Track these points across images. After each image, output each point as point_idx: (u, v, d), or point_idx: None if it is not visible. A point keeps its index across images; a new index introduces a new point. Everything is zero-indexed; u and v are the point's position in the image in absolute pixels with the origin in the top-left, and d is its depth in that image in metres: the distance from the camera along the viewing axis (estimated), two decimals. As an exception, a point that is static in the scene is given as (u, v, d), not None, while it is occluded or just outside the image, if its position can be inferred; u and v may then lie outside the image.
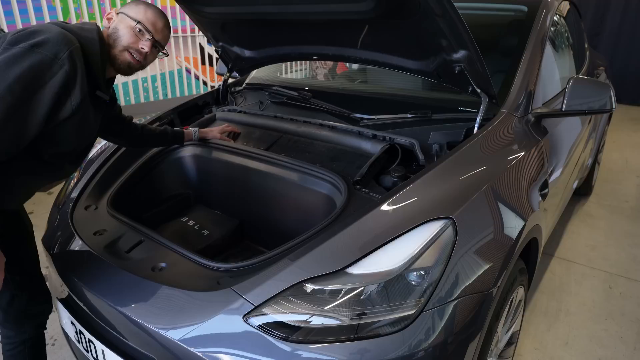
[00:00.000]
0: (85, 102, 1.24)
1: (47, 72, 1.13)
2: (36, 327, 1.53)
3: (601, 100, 1.78)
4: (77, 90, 1.20)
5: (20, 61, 1.10)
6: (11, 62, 1.09)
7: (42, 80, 1.13)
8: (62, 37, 1.17)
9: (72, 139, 1.29)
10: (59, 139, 1.26)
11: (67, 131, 1.26)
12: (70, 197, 1.75)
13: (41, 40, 1.13)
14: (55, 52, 1.14)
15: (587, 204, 3.67)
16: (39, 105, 1.14)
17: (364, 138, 1.79)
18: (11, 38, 1.14)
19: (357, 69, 2.84)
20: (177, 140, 1.95)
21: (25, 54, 1.11)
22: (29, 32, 1.16)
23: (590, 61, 3.28)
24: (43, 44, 1.13)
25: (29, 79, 1.11)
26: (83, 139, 1.36)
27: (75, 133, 1.29)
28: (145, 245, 1.45)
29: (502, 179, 1.48)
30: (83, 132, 1.33)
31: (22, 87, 1.10)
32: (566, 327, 2.24)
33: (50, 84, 1.14)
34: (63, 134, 1.26)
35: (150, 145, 1.94)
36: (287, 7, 1.69)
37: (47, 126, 1.20)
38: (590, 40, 4.17)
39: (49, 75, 1.14)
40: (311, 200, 1.69)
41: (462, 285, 1.17)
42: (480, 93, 1.64)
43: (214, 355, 1.10)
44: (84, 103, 1.24)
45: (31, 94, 1.12)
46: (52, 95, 1.15)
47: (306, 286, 1.14)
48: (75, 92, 1.20)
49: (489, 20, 2.33)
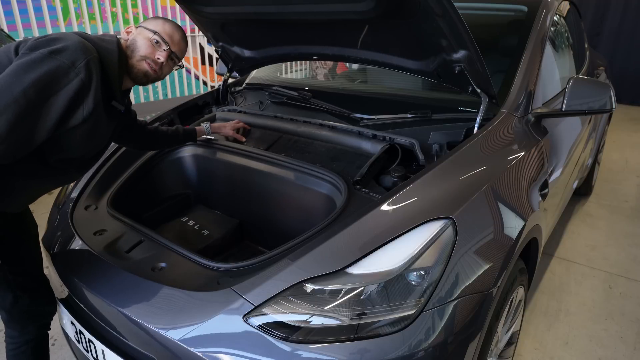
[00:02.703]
0: (97, 111, 1.26)
1: (63, 79, 1.16)
2: (40, 327, 1.53)
3: (601, 100, 1.78)
4: (90, 99, 1.22)
5: (38, 66, 1.13)
6: (29, 66, 1.12)
7: (57, 86, 1.15)
8: (80, 45, 1.19)
9: (81, 146, 1.31)
10: (66, 145, 1.27)
11: (76, 138, 1.27)
12: (70, 197, 1.75)
13: (60, 48, 1.16)
14: (73, 59, 1.17)
15: (587, 204, 3.67)
16: (50, 110, 1.16)
17: (364, 138, 1.79)
18: (32, 44, 1.18)
19: (357, 69, 2.84)
20: (190, 138, 1.95)
21: (44, 60, 1.14)
22: (50, 39, 1.19)
23: (590, 61, 3.28)
24: (62, 51, 1.16)
25: (43, 84, 1.13)
26: (92, 146, 1.38)
27: (85, 140, 1.30)
28: (145, 245, 1.45)
29: (502, 179, 1.48)
30: (92, 140, 1.35)
31: (36, 91, 1.12)
32: (566, 327, 2.24)
33: (64, 90, 1.16)
34: (71, 141, 1.27)
35: (163, 146, 1.95)
36: (287, 7, 1.69)
37: (57, 131, 1.21)
38: (590, 40, 4.17)
39: (65, 82, 1.16)
40: (311, 200, 1.69)
41: (462, 285, 1.17)
42: (480, 93, 1.64)
43: (214, 355, 1.10)
44: (96, 112, 1.26)
45: (44, 99, 1.14)
46: (65, 101, 1.17)
47: (306, 286, 1.14)
48: (89, 101, 1.22)
49: (489, 20, 2.33)
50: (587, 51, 3.37)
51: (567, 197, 2.57)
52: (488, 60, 1.52)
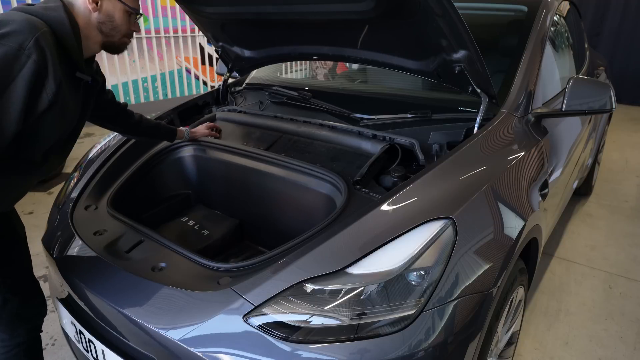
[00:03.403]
0: (62, 89, 1.18)
1: (15, 65, 1.07)
2: (31, 330, 1.50)
3: (601, 100, 1.78)
4: (50, 79, 1.13)
5: None
6: None
7: (11, 74, 1.07)
8: (25, 24, 1.10)
9: (57, 128, 1.24)
10: (42, 132, 1.20)
11: (50, 122, 1.20)
12: (70, 197, 1.75)
13: (5, 32, 1.07)
14: (20, 42, 1.07)
15: (587, 204, 3.67)
16: (12, 101, 1.08)
17: (364, 138, 1.79)
18: None
19: (357, 69, 2.84)
20: (169, 137, 1.93)
21: None
22: None
23: (590, 61, 3.28)
24: (7, 35, 1.07)
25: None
26: (66, 125, 1.30)
27: (59, 122, 1.24)
28: (145, 245, 1.45)
29: (502, 179, 1.48)
30: (65, 119, 1.27)
31: None
32: (566, 327, 2.24)
33: (20, 76, 1.08)
34: (45, 127, 1.20)
35: (145, 136, 1.88)
36: (287, 7, 1.69)
37: (28, 121, 1.14)
38: (590, 40, 4.17)
39: (18, 68, 1.07)
40: (311, 200, 1.69)
41: (462, 285, 1.17)
42: (480, 93, 1.64)
43: (214, 355, 1.10)
44: (62, 90, 1.18)
45: (2, 91, 1.06)
46: (24, 88, 1.09)
47: (306, 286, 1.14)
48: (49, 81, 1.13)
49: (489, 20, 2.33)
50: (587, 51, 3.37)
51: (567, 197, 2.57)
52: (488, 60, 1.52)
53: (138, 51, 6.19)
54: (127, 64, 6.09)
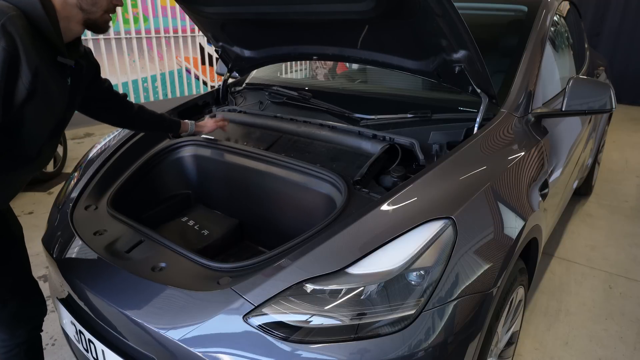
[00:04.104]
0: (40, 76, 1.11)
1: None
2: (31, 330, 1.50)
3: (601, 100, 1.78)
4: (24, 66, 1.06)
5: None
6: None
7: None
8: None
9: (43, 118, 1.19)
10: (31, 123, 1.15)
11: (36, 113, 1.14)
12: (70, 197, 1.75)
13: None
14: None
15: (587, 204, 3.67)
16: None
17: (364, 138, 1.79)
18: None
19: (357, 69, 2.84)
20: (173, 129, 1.88)
21: None
22: None
23: (590, 61, 3.28)
24: None
25: None
26: (55, 114, 1.25)
27: (44, 111, 1.18)
28: (145, 245, 1.45)
29: (502, 179, 1.48)
30: (53, 109, 1.22)
31: None
32: (566, 327, 2.24)
33: None
34: (33, 118, 1.14)
35: (145, 128, 1.83)
36: (287, 7, 1.69)
37: (9, 113, 1.08)
38: (590, 40, 4.17)
39: None
40: (311, 200, 1.69)
41: (462, 285, 1.17)
42: (480, 93, 1.64)
43: (214, 355, 1.10)
44: (39, 77, 1.10)
45: None
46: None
47: (306, 286, 1.14)
48: (23, 68, 1.06)
49: (489, 20, 2.33)
50: (587, 51, 3.37)
51: (567, 197, 2.57)
52: (488, 60, 1.52)
53: (138, 51, 6.19)
54: (127, 64, 6.09)
